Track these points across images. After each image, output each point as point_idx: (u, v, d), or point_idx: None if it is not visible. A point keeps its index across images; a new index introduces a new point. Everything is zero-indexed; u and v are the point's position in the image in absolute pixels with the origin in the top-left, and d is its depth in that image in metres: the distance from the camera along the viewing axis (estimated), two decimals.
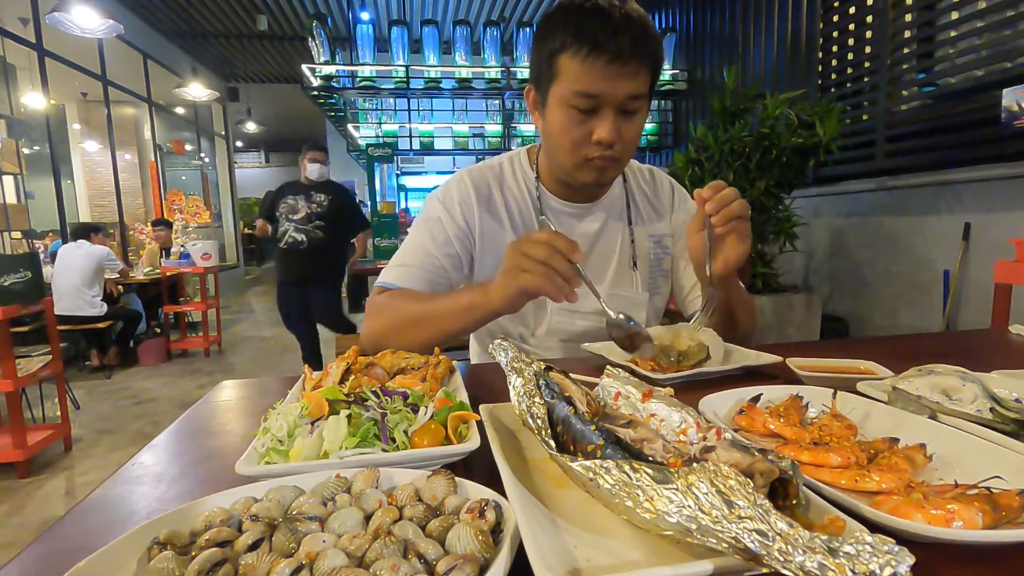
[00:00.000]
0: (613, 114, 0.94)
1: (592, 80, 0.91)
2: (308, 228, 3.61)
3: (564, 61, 0.93)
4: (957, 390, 0.58)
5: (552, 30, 0.95)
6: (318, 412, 0.55)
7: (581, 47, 0.90)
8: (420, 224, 1.13)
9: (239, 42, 8.18)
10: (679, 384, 0.76)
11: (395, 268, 1.09)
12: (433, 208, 1.13)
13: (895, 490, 0.43)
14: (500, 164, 1.18)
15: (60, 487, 2.75)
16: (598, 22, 0.90)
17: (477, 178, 1.14)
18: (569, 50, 0.92)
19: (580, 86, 0.92)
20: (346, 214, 3.80)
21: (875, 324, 3.21)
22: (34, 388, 3.61)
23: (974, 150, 2.54)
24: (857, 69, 3.35)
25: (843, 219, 3.37)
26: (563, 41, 0.92)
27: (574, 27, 0.91)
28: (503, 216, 1.12)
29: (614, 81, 0.91)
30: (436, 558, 0.34)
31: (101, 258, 4.60)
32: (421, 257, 1.09)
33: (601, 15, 0.90)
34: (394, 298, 1.04)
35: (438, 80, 5.57)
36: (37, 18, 5.24)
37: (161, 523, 0.39)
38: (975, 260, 2.58)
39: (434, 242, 1.09)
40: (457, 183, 1.14)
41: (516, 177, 1.16)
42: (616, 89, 0.92)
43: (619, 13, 0.90)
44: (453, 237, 1.09)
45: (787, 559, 0.28)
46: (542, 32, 0.98)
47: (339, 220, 3.71)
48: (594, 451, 0.43)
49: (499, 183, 1.15)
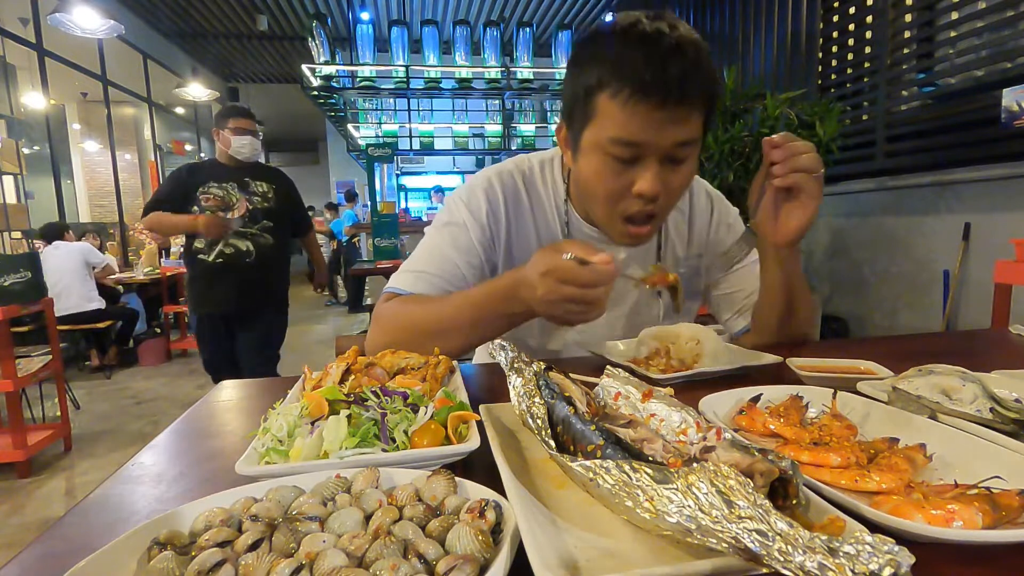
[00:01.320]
0: (657, 164, 0.80)
1: (634, 127, 0.77)
2: (254, 232, 2.60)
3: (602, 102, 0.79)
4: (957, 390, 0.58)
5: (588, 62, 0.80)
6: (318, 412, 0.55)
7: (621, 87, 0.76)
8: (441, 228, 1.01)
9: (239, 42, 8.18)
10: (679, 384, 0.76)
11: (409, 274, 0.98)
12: (457, 211, 1.00)
13: (895, 490, 0.43)
14: (531, 168, 1.05)
15: (60, 487, 2.75)
16: (642, 55, 0.75)
17: (507, 182, 1.02)
18: (607, 90, 0.78)
19: (620, 133, 0.78)
20: (294, 211, 2.84)
21: (875, 324, 3.21)
22: (34, 388, 3.60)
23: (974, 150, 2.54)
24: (857, 69, 3.35)
25: (843, 219, 3.37)
26: (600, 78, 0.78)
27: (614, 61, 0.77)
28: (530, 226, 1.02)
29: (660, 129, 0.77)
30: (436, 558, 0.34)
31: (85, 251, 4.62)
32: (439, 264, 0.97)
33: (646, 45, 0.75)
34: (407, 304, 0.94)
35: (438, 80, 5.57)
36: (37, 18, 5.24)
37: (161, 523, 0.39)
38: (975, 260, 2.58)
39: (456, 248, 0.98)
40: (484, 186, 1.01)
41: (547, 187, 1.03)
42: (662, 138, 0.78)
43: (668, 43, 0.74)
44: (477, 244, 0.98)
45: (787, 559, 0.28)
46: (577, 63, 0.83)
47: (287, 220, 2.78)
48: (594, 451, 0.43)
49: (528, 189, 1.03)
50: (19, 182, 5.69)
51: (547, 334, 1.07)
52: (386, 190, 4.69)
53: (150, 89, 7.52)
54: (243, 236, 2.58)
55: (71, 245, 4.61)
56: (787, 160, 0.81)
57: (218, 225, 2.49)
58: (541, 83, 5.72)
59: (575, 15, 7.39)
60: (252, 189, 2.60)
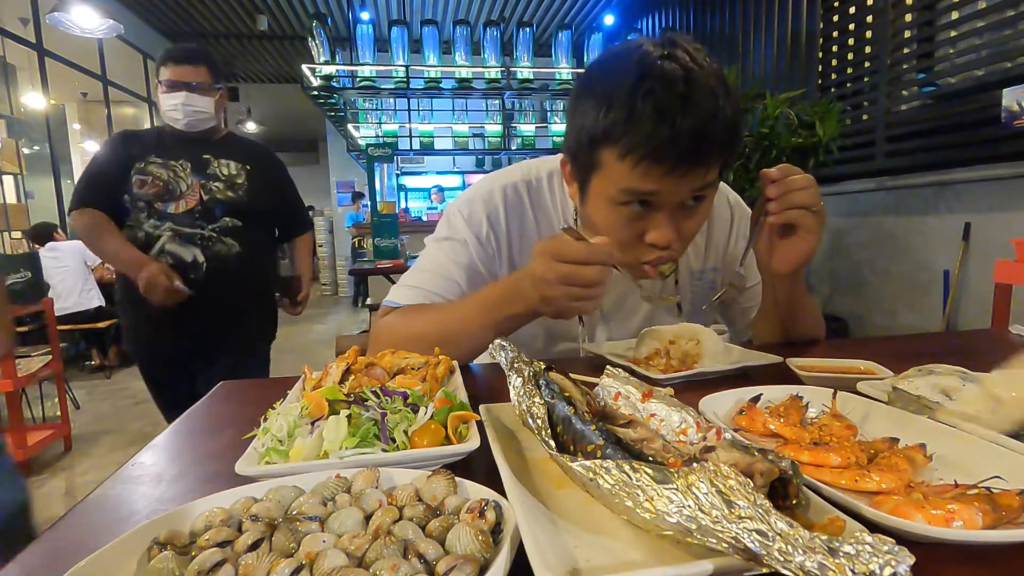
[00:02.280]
0: (672, 213, 0.76)
1: (646, 185, 0.73)
2: (208, 234, 1.73)
3: (608, 157, 0.73)
4: (957, 390, 0.58)
5: (593, 107, 0.72)
6: (318, 412, 0.55)
7: (633, 148, 0.69)
8: (442, 242, 0.98)
9: (239, 42, 8.18)
10: (679, 384, 0.76)
11: (408, 289, 0.96)
12: (457, 226, 0.97)
13: (895, 490, 0.43)
14: (539, 180, 0.99)
15: (60, 487, 2.75)
16: (654, 112, 0.67)
17: (511, 196, 0.97)
18: (616, 146, 0.71)
19: (631, 185, 0.73)
20: (279, 204, 1.93)
21: (875, 324, 3.21)
22: (34, 388, 3.60)
23: (974, 150, 2.54)
24: (857, 69, 3.35)
25: (843, 219, 3.37)
26: (607, 131, 0.71)
27: (624, 116, 0.69)
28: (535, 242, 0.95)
29: (675, 184, 0.72)
30: (436, 558, 0.34)
31: (82, 250, 4.63)
32: (440, 281, 0.95)
33: (660, 96, 0.67)
34: (405, 315, 0.92)
35: (438, 80, 5.57)
36: (37, 18, 5.24)
37: (161, 523, 0.39)
38: (975, 260, 2.58)
39: (456, 264, 0.95)
40: (485, 200, 0.97)
41: (555, 203, 0.98)
42: (676, 192, 0.74)
43: (682, 95, 0.67)
44: (479, 260, 0.96)
45: (787, 559, 0.28)
46: (580, 104, 0.75)
47: (267, 219, 1.91)
48: (594, 451, 0.43)
49: (534, 204, 0.98)
50: (19, 182, 5.70)
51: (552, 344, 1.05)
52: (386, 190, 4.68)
53: (150, 89, 7.52)
54: (189, 240, 1.69)
55: (68, 245, 4.64)
56: (783, 197, 0.79)
57: (163, 290, 1.60)
58: (541, 83, 5.71)
59: (575, 15, 7.40)
60: (213, 171, 1.74)
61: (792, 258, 0.84)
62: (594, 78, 0.76)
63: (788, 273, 0.87)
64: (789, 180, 0.79)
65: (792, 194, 0.79)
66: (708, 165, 0.73)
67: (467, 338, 0.84)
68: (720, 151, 0.73)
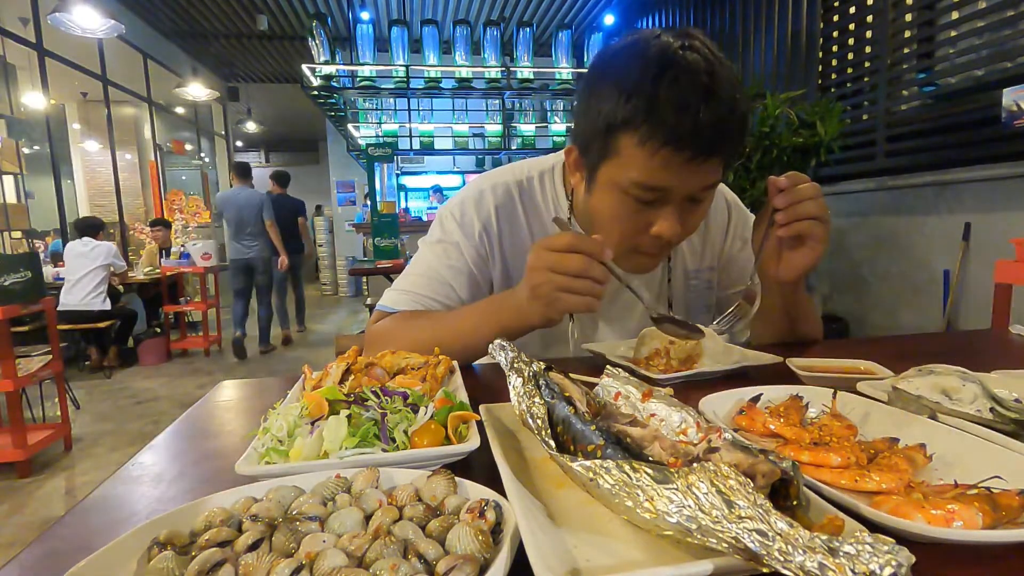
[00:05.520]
0: (679, 206, 0.77)
1: (661, 175, 0.73)
2: None
3: (626, 143, 0.73)
4: (957, 390, 0.58)
5: (610, 94, 0.72)
6: (318, 412, 0.55)
7: (653, 136, 0.69)
8: (434, 245, 0.98)
9: (239, 42, 8.17)
10: (679, 384, 0.76)
11: (401, 293, 0.96)
12: (449, 228, 0.97)
13: (895, 490, 0.43)
14: (529, 180, 0.99)
15: (60, 487, 2.75)
16: (677, 101, 0.68)
17: (501, 197, 0.97)
18: (634, 133, 0.71)
19: (645, 178, 0.73)
20: None
21: (875, 324, 3.21)
22: (34, 388, 3.60)
23: (974, 150, 2.54)
24: (857, 69, 3.35)
25: (843, 219, 3.37)
26: (626, 117, 0.71)
27: (646, 103, 0.69)
28: (527, 243, 0.96)
29: (688, 176, 0.73)
30: (436, 558, 0.34)
31: (111, 253, 4.71)
32: (433, 285, 0.95)
33: (683, 85, 0.68)
34: (400, 321, 0.92)
35: (438, 80, 5.57)
36: (37, 18, 5.24)
37: (161, 523, 0.39)
38: (975, 260, 2.58)
39: (449, 267, 0.95)
40: (476, 201, 0.97)
41: (546, 202, 0.98)
42: (688, 184, 0.74)
43: (704, 85, 0.68)
44: (471, 262, 0.95)
45: (787, 559, 0.28)
46: (595, 89, 0.75)
47: None
48: (594, 451, 0.43)
49: (525, 204, 0.98)
50: (19, 182, 5.70)
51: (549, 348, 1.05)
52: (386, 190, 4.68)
53: (150, 89, 7.51)
54: None
55: (102, 246, 4.70)
56: (792, 207, 0.78)
57: None
58: (541, 83, 5.71)
59: (575, 15, 7.39)
60: None
61: (797, 266, 0.84)
62: (612, 65, 0.75)
63: (791, 280, 0.87)
64: (798, 190, 0.78)
65: (801, 204, 0.78)
66: (723, 158, 0.74)
67: (461, 349, 0.84)
68: (733, 145, 0.74)
